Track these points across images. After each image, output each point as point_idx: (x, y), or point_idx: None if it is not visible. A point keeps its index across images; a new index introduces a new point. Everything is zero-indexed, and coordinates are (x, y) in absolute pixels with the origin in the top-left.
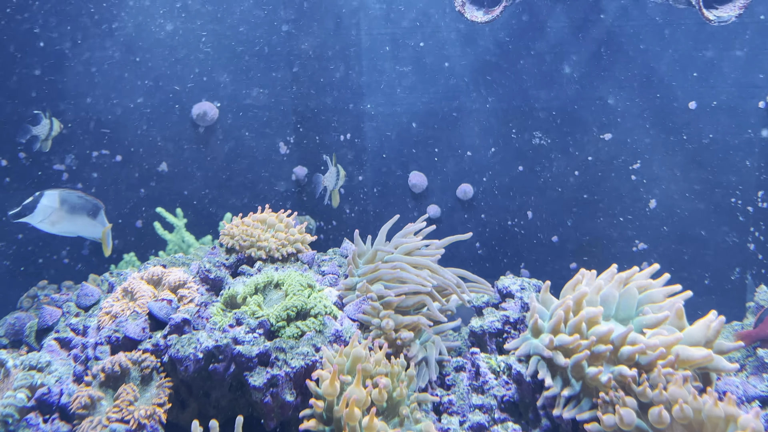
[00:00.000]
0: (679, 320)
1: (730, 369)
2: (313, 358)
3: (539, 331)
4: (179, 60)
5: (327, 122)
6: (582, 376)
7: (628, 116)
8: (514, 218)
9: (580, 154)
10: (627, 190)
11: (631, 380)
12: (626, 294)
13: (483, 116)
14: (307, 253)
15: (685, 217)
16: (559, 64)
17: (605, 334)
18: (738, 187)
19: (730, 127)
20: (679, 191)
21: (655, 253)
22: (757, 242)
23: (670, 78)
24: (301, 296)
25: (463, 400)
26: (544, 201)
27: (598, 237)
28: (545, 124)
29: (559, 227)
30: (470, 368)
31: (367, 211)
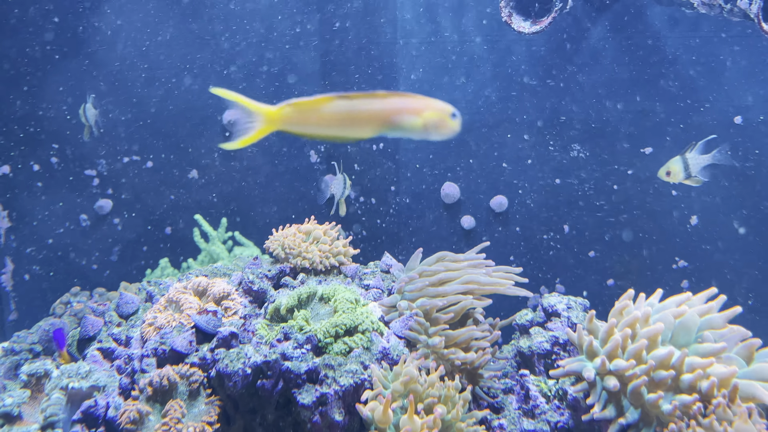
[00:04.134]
0: (750, 354)
1: None
2: (362, 377)
3: (594, 354)
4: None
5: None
6: (641, 403)
7: (670, 130)
8: (549, 232)
9: (619, 167)
10: (667, 205)
11: (697, 412)
12: (685, 320)
13: (520, 127)
14: (350, 266)
15: (727, 235)
16: (599, 76)
17: (665, 358)
18: None
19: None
20: (722, 208)
21: (696, 271)
22: None
23: (714, 91)
24: (351, 314)
25: (515, 425)
26: (581, 215)
27: (637, 253)
28: (583, 136)
29: (597, 242)
30: (519, 390)
31: (399, 222)
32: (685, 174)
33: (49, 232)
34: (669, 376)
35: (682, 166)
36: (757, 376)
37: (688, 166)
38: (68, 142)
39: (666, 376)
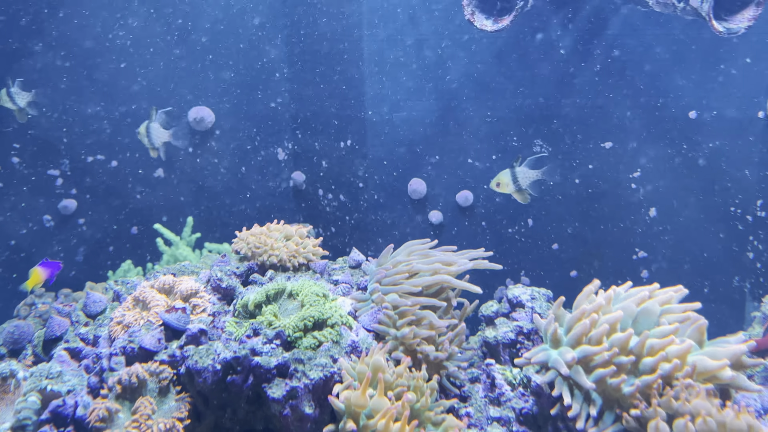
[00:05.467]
0: (700, 336)
1: (754, 389)
2: (332, 370)
3: (558, 342)
4: (176, 64)
5: (327, 128)
6: (604, 388)
7: (628, 125)
8: (514, 225)
9: (581, 162)
10: (627, 198)
11: (656, 391)
12: (646, 312)
13: (484, 124)
14: (319, 262)
15: (684, 226)
16: (560, 73)
17: (624, 341)
18: (737, 196)
19: (729, 137)
20: (679, 200)
21: (655, 261)
22: (755, 251)
23: (670, 87)
24: (318, 306)
25: (481, 412)
26: (544, 209)
27: (599, 245)
28: (546, 132)
29: (560, 235)
30: (485, 379)
31: (368, 218)
32: (514, 186)
33: (12, 234)
34: (629, 361)
35: (511, 179)
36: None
37: (516, 179)
38: (30, 142)
39: (626, 361)
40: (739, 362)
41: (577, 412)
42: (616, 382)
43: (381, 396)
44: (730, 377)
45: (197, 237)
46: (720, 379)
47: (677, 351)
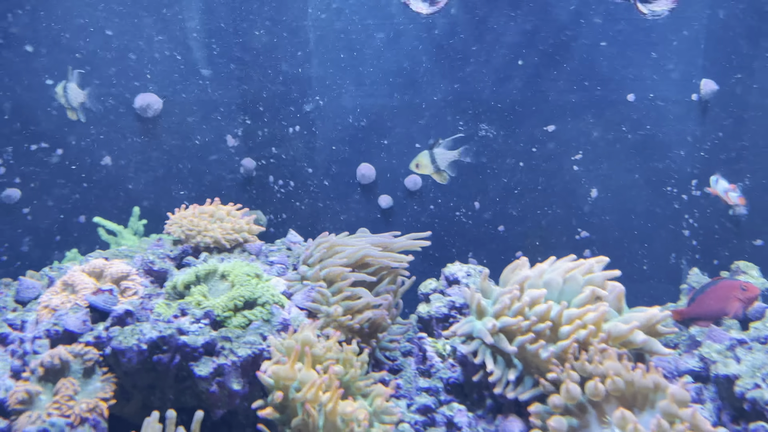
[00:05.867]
0: (619, 303)
1: (664, 352)
2: (260, 347)
3: (483, 313)
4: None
5: (275, 114)
6: (524, 355)
7: (569, 108)
8: (461, 208)
9: (525, 145)
10: (569, 180)
11: (571, 355)
12: (570, 280)
13: (430, 109)
14: (255, 243)
15: (624, 206)
16: (503, 57)
17: (545, 312)
18: (673, 176)
19: (665, 119)
20: (619, 181)
21: (597, 240)
22: (691, 228)
23: (609, 71)
24: (248, 286)
25: (410, 383)
26: (490, 191)
27: (543, 226)
28: (490, 116)
29: (506, 217)
30: (417, 353)
31: (317, 204)
32: (433, 167)
33: None
34: (546, 327)
35: (430, 160)
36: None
37: (435, 160)
38: None
39: (544, 327)
40: (654, 329)
41: (498, 377)
42: (534, 348)
43: (309, 369)
44: (641, 341)
45: (143, 224)
46: (633, 343)
47: (593, 318)
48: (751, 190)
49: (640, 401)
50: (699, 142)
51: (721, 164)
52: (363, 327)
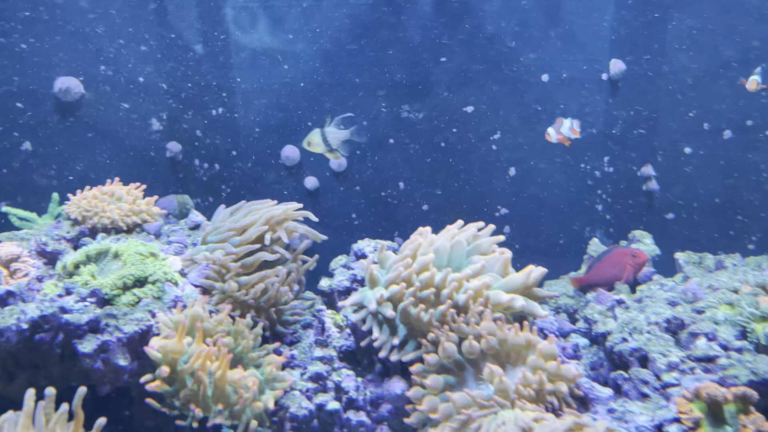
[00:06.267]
0: (504, 269)
1: (541, 314)
2: (149, 323)
3: (375, 282)
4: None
5: (198, 97)
6: (409, 320)
7: (487, 89)
8: (387, 189)
9: (446, 126)
10: (489, 159)
11: (450, 318)
12: (456, 245)
13: (353, 90)
14: (154, 223)
15: (541, 183)
16: (423, 38)
17: (429, 279)
18: (587, 153)
19: (578, 98)
20: (535, 159)
21: (516, 217)
22: (604, 203)
23: (525, 53)
24: (140, 265)
25: (305, 353)
26: (414, 172)
27: (465, 204)
28: (411, 97)
29: (430, 196)
30: (317, 325)
31: (242, 186)
32: (325, 146)
33: None
34: (430, 293)
35: (321, 139)
36: (507, 286)
37: (327, 138)
38: None
39: (428, 293)
40: (531, 292)
41: (382, 341)
42: (416, 312)
43: (200, 343)
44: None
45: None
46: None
47: (475, 285)
48: (662, 166)
49: (513, 357)
50: (610, 120)
51: (633, 142)
52: (259, 302)
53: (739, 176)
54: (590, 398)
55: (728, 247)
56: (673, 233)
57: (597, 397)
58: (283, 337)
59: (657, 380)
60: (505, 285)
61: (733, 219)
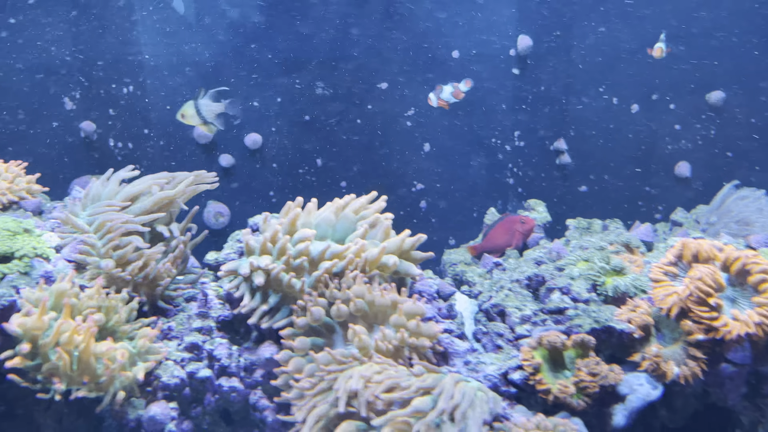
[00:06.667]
0: (386, 235)
1: (415, 273)
2: (12, 299)
3: (251, 251)
4: None
5: (109, 75)
6: (281, 288)
7: (400, 66)
8: (304, 166)
9: (361, 103)
10: (404, 135)
11: (323, 284)
12: (343, 217)
13: (266, 66)
14: (32, 200)
15: (454, 158)
16: (336, 15)
17: (304, 250)
18: (497, 128)
19: (488, 74)
20: (448, 134)
21: (431, 191)
22: (515, 177)
23: (436, 29)
24: (7, 241)
25: (183, 325)
26: (331, 149)
27: (382, 180)
28: (326, 74)
29: (347, 173)
30: (201, 297)
31: (156, 165)
32: (199, 119)
33: None
34: (302, 261)
35: (195, 111)
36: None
37: (201, 111)
38: None
39: (300, 261)
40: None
41: (251, 307)
42: (287, 279)
43: (66, 318)
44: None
45: None
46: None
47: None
48: (574, 141)
49: (380, 318)
50: (519, 96)
51: (545, 116)
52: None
53: (646, 149)
54: (449, 352)
55: (637, 217)
56: (586, 205)
57: (456, 351)
58: (167, 312)
59: (511, 333)
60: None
61: (641, 190)
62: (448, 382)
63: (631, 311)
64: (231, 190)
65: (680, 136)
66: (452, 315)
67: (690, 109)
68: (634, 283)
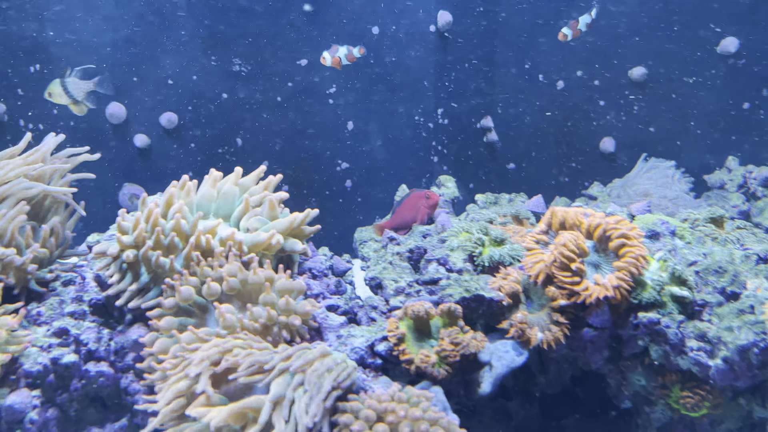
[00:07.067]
0: (272, 212)
1: (298, 249)
2: None
3: (124, 231)
4: None
5: (15, 53)
6: (151, 267)
7: (320, 42)
8: (223, 146)
9: (281, 80)
10: (326, 113)
11: (194, 263)
12: (224, 192)
13: (181, 43)
14: None
15: (378, 136)
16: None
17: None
18: (420, 105)
19: (408, 50)
20: (372, 112)
21: (356, 170)
22: (439, 154)
23: (355, 4)
24: None
25: (54, 310)
26: (251, 127)
27: (306, 160)
28: (243, 50)
29: (269, 152)
30: (79, 281)
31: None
32: (68, 98)
33: None
34: (172, 238)
35: (62, 90)
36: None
37: (68, 90)
38: None
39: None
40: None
41: (119, 288)
42: (155, 256)
43: None
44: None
45: None
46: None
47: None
48: (500, 118)
49: (256, 296)
50: (440, 73)
51: (470, 94)
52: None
53: (572, 125)
54: (323, 327)
55: (564, 193)
56: (514, 181)
57: (330, 325)
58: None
59: (386, 305)
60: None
61: (567, 166)
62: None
63: (503, 279)
64: (147, 172)
65: (604, 111)
66: (340, 291)
67: (613, 85)
68: (510, 252)
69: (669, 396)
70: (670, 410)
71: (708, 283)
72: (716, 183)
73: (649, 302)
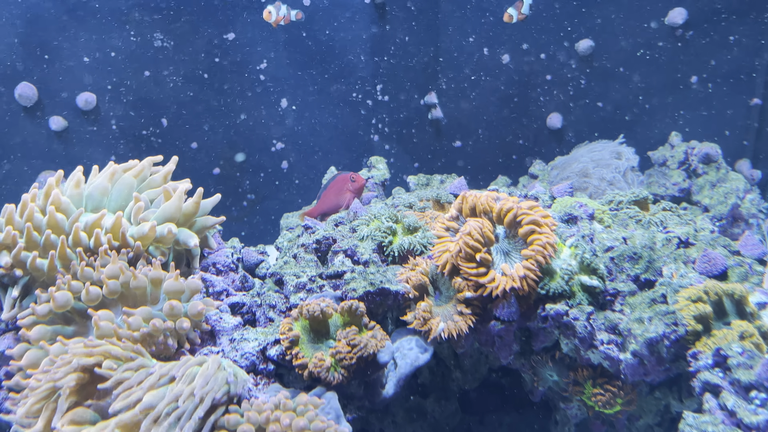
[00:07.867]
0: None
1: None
2: None
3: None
4: None
5: None
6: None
7: (248, 14)
8: (149, 126)
9: (207, 56)
10: (258, 90)
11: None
12: (120, 183)
13: (96, 18)
14: None
15: (315, 114)
16: None
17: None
18: (358, 82)
19: (344, 24)
20: (306, 89)
21: (293, 151)
22: (379, 133)
23: None
24: None
25: None
26: (177, 107)
27: (238, 140)
28: (165, 25)
29: (197, 133)
30: None
31: None
32: None
33: None
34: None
35: None
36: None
37: None
38: None
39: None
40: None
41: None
42: (30, 258)
43: None
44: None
45: None
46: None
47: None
48: (444, 94)
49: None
50: (378, 48)
51: (410, 70)
52: None
53: (519, 101)
54: (217, 330)
55: (510, 171)
56: (461, 160)
57: (223, 328)
58: None
59: (285, 302)
60: (158, 217)
61: (514, 143)
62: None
63: (411, 270)
64: (65, 157)
65: (551, 86)
66: (246, 286)
67: (560, 59)
68: (421, 240)
69: (582, 393)
70: (585, 407)
71: (623, 270)
72: (659, 159)
73: (557, 293)
